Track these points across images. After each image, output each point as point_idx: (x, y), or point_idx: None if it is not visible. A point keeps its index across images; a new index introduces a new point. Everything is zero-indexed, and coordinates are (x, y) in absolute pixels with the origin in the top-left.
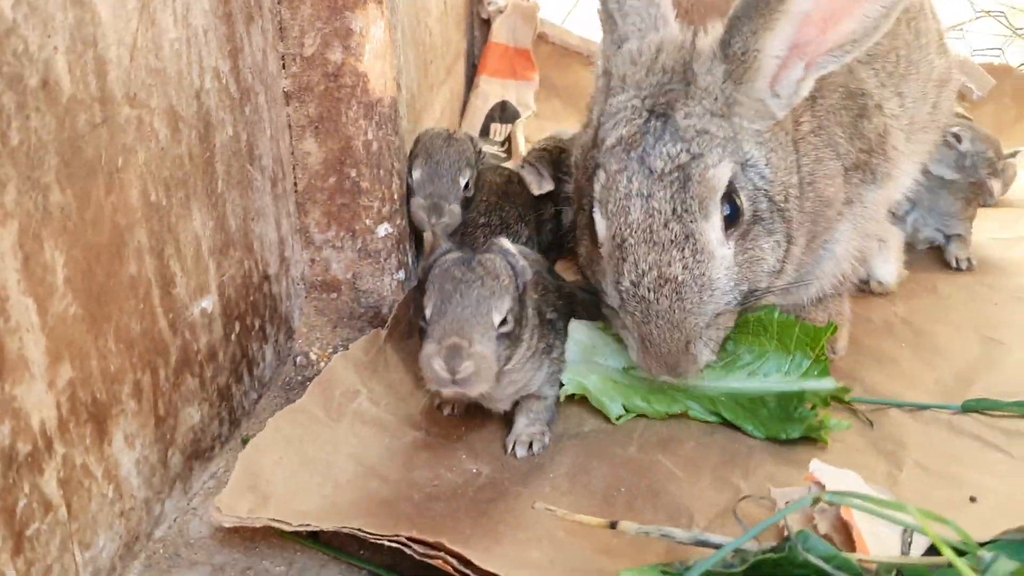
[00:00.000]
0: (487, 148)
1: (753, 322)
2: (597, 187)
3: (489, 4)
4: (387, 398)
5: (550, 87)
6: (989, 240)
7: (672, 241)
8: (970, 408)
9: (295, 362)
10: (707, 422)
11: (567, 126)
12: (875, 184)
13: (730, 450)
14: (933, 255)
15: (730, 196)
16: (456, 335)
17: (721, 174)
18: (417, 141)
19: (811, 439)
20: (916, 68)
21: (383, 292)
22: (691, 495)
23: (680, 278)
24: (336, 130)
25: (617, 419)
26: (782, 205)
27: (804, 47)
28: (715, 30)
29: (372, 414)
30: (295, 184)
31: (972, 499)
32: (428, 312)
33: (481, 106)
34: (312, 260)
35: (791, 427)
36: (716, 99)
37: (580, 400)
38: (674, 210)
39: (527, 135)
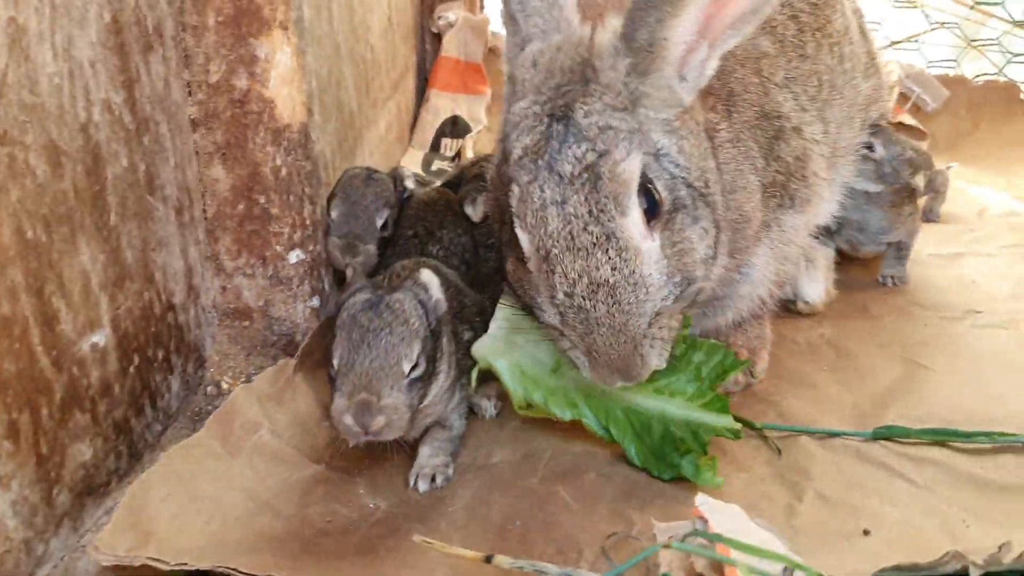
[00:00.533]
0: (438, 163)
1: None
2: (514, 202)
3: (439, 18)
4: (291, 430)
5: (504, 101)
6: (927, 257)
7: (595, 244)
8: (880, 435)
9: (206, 392)
10: (600, 437)
11: None
12: (793, 209)
13: (631, 480)
14: (869, 273)
15: (646, 188)
16: (365, 390)
17: (631, 167)
18: (338, 180)
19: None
20: (840, 93)
21: (296, 319)
22: (584, 528)
23: (612, 280)
24: (244, 157)
25: (517, 409)
26: (703, 191)
27: (707, 26)
28: (613, 23)
29: (272, 447)
30: (204, 211)
31: (866, 532)
32: (336, 363)
33: (431, 120)
34: (223, 287)
35: (663, 468)
36: (619, 93)
37: (490, 429)
38: (590, 212)
39: (480, 149)
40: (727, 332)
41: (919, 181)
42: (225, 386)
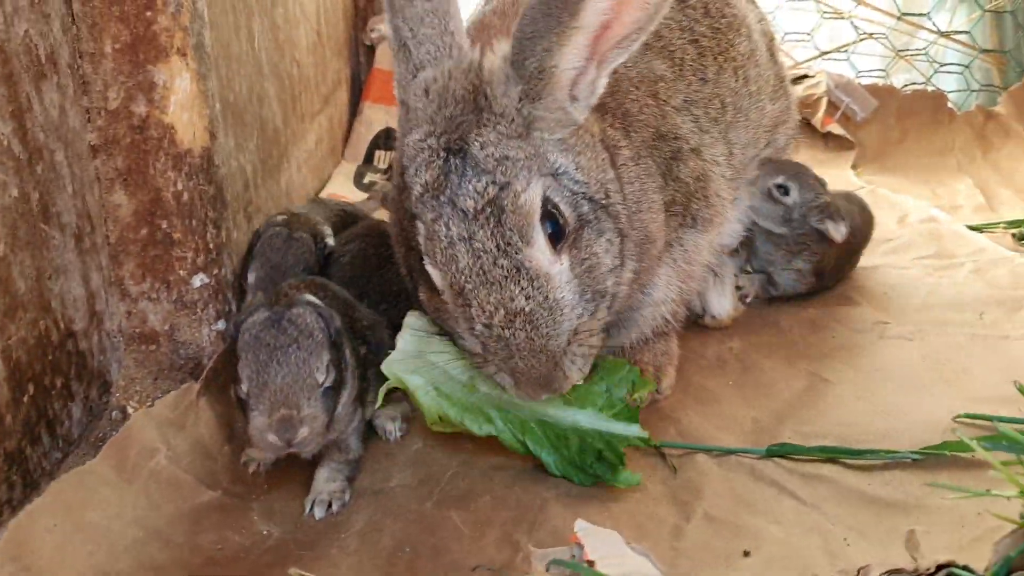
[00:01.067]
0: (370, 176)
1: None
2: (421, 239)
3: (372, 31)
4: (190, 456)
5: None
6: None
7: (507, 277)
8: (773, 453)
9: (111, 417)
10: (515, 451)
11: None
12: (695, 229)
13: (524, 504)
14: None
15: (550, 213)
16: (284, 406)
17: (532, 197)
18: (257, 235)
19: (606, 494)
20: (746, 115)
21: (202, 343)
22: (472, 553)
23: (527, 309)
24: (145, 182)
25: (431, 424)
26: (604, 202)
27: (595, 48)
28: (502, 48)
29: (169, 474)
30: (107, 237)
31: (746, 553)
32: (246, 384)
33: (364, 133)
34: (129, 312)
35: (583, 476)
36: (512, 120)
37: (391, 452)
38: (498, 246)
39: None
40: (633, 349)
41: (834, 230)
42: (131, 411)
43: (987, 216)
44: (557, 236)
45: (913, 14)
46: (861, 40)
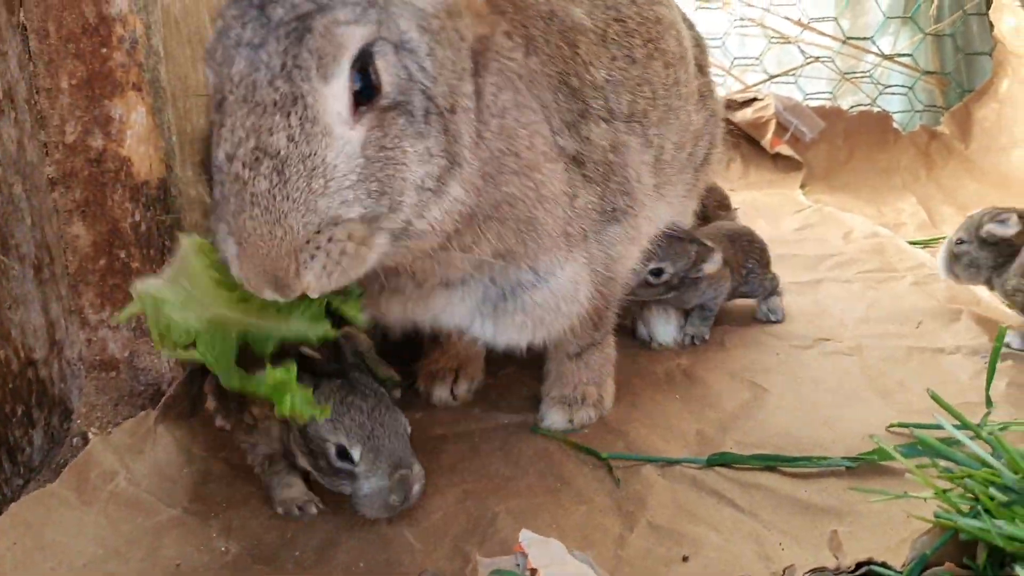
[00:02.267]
0: None
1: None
2: (211, 39)
3: None
4: (150, 478)
5: None
6: (787, 284)
7: (276, 103)
8: (714, 462)
9: (72, 443)
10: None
11: None
12: (618, 223)
13: (475, 518)
14: (737, 311)
15: (364, 66)
16: (399, 466)
17: (351, 33)
18: None
19: (555, 507)
20: (676, 115)
21: (161, 370)
22: (423, 566)
23: (283, 153)
24: (103, 213)
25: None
26: (445, 111)
27: None
28: None
29: (129, 494)
30: (66, 267)
31: (685, 558)
32: (358, 453)
33: None
34: (89, 340)
35: (248, 382)
36: None
37: None
38: (283, 65)
39: None
40: (566, 361)
41: (711, 267)
42: (92, 437)
43: (930, 233)
44: (365, 97)
45: (857, 38)
46: (808, 64)
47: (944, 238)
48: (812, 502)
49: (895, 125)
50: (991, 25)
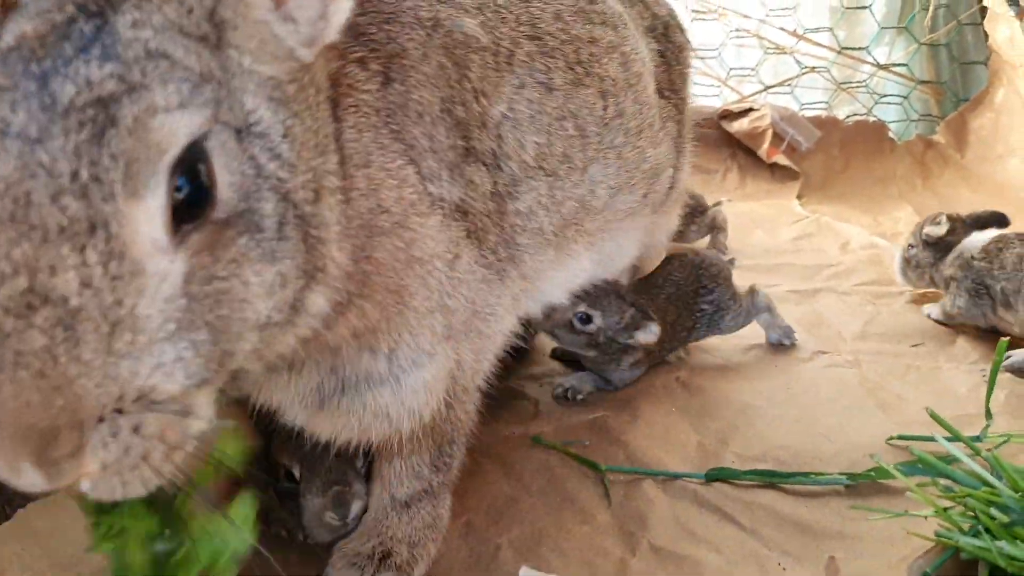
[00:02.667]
0: None
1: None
2: None
3: None
4: None
5: None
6: (785, 293)
7: (64, 229)
8: (712, 477)
9: None
10: None
11: None
12: (499, 280)
13: (477, 552)
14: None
15: (193, 167)
16: (336, 483)
17: (174, 124)
18: None
19: (557, 531)
20: (616, 153)
21: None
22: None
23: (75, 303)
24: None
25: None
26: (307, 211)
27: None
28: None
29: None
30: None
31: None
32: (297, 471)
33: None
34: None
35: None
36: (192, 11)
37: None
38: (75, 173)
39: None
40: (384, 510)
41: (645, 337)
42: None
43: None
44: (190, 210)
45: (853, 48)
46: (804, 74)
47: None
48: (813, 520)
49: (891, 135)
50: (986, 35)
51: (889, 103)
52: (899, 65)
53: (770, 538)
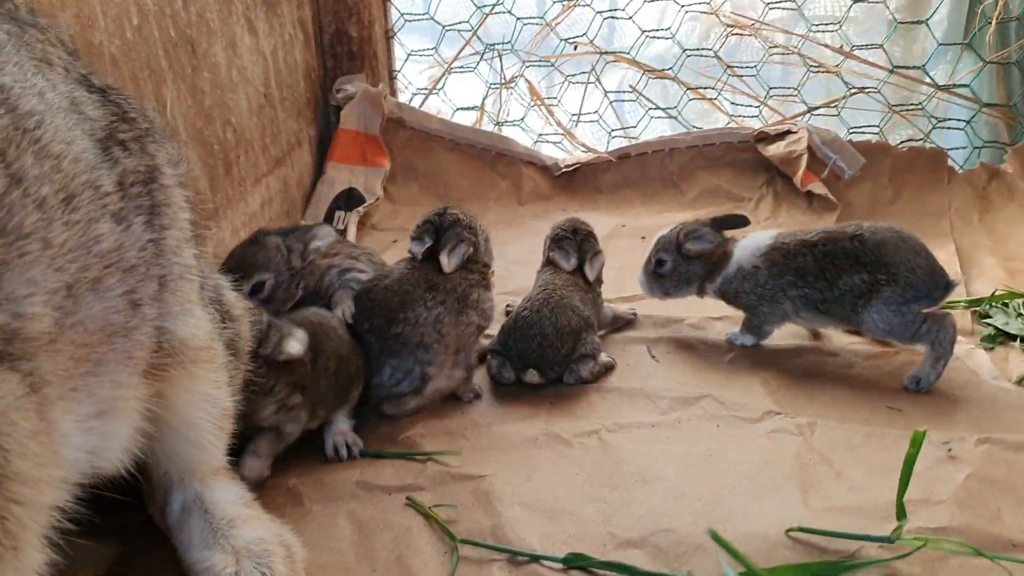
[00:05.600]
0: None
1: None
2: None
3: (339, 91)
4: None
5: (409, 170)
6: (784, 343)
7: None
8: (570, 563)
9: None
10: None
11: (424, 209)
12: None
13: None
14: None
15: None
16: None
17: None
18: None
19: None
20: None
21: None
22: None
23: None
24: None
25: None
26: None
27: None
28: None
29: None
30: None
31: None
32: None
33: (326, 193)
34: None
35: None
36: None
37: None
38: None
39: (377, 221)
40: None
41: (293, 346)
42: None
43: (957, 290)
44: None
45: (909, 67)
46: (852, 95)
47: (964, 300)
48: None
49: (950, 162)
50: None
51: (950, 128)
52: (961, 86)
53: None
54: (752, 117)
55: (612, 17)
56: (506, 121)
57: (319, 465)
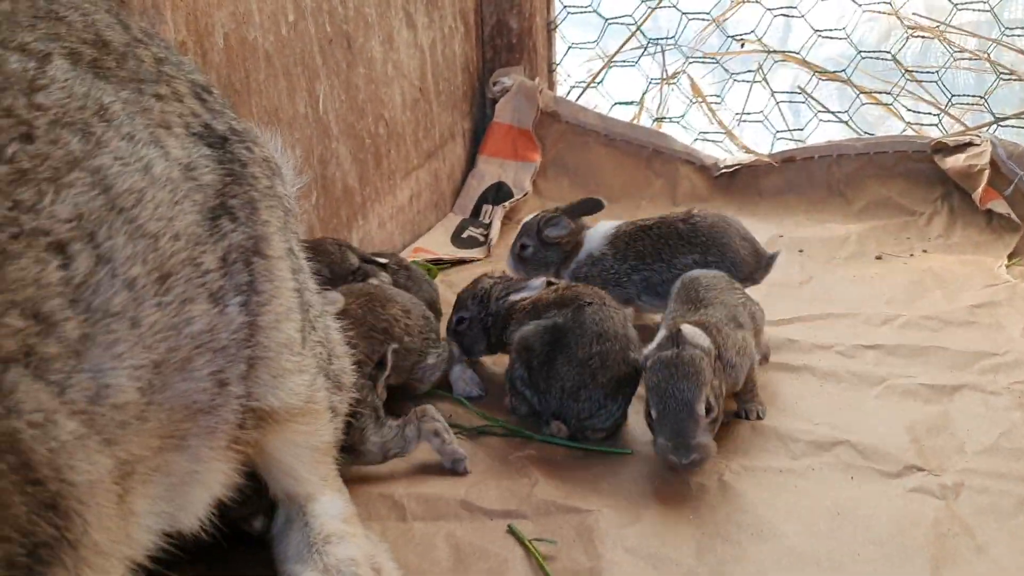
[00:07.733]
0: (470, 231)
1: None
2: None
3: (495, 84)
4: None
5: (561, 166)
6: (917, 387)
7: None
8: None
9: None
10: None
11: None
12: None
13: None
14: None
15: None
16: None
17: None
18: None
19: None
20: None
21: None
22: None
23: None
24: None
25: None
26: None
27: None
28: None
29: None
30: None
31: None
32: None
33: (476, 186)
34: None
35: None
36: None
37: None
38: None
39: (523, 216)
40: None
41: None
42: None
43: None
44: None
45: None
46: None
47: None
48: None
49: None
50: None
51: None
52: None
53: None
54: (931, 126)
55: (784, 15)
56: (665, 117)
57: (427, 477)
